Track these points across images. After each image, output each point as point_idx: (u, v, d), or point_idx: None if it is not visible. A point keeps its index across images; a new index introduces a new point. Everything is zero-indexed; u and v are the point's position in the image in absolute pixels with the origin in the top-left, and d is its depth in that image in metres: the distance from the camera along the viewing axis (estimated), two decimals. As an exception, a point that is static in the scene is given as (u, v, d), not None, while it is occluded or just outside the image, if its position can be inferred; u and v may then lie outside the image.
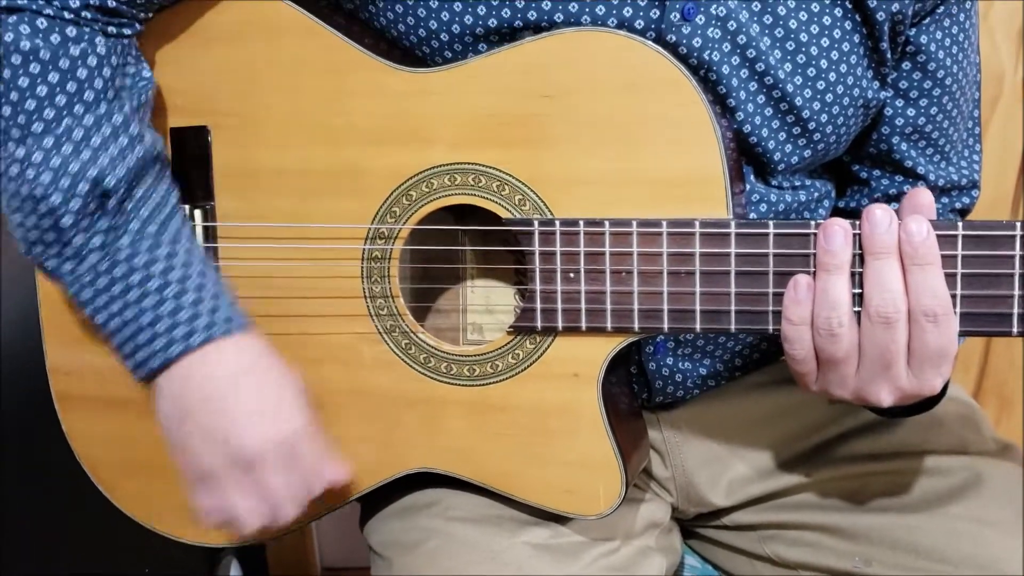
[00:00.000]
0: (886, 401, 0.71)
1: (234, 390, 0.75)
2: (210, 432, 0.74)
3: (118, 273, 0.74)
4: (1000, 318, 0.69)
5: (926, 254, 0.67)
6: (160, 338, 0.74)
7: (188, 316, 0.74)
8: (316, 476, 0.77)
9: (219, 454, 0.74)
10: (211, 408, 0.74)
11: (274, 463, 0.75)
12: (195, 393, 0.75)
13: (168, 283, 0.74)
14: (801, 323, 0.70)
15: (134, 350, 0.75)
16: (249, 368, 0.75)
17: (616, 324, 0.75)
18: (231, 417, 0.74)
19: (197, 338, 0.74)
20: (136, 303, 0.74)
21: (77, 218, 0.73)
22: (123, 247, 0.74)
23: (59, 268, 0.75)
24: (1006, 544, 0.81)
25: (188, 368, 0.75)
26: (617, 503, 0.78)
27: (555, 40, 0.73)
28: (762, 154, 0.81)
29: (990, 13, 1.33)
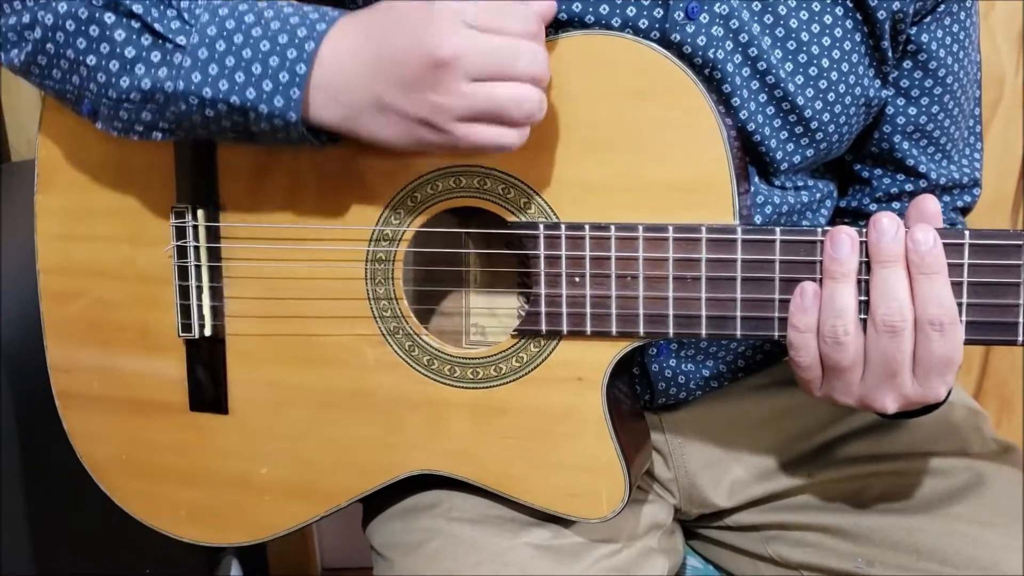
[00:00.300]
0: (890, 408, 0.71)
1: (394, 9, 0.69)
2: (415, 57, 0.66)
3: (211, 32, 0.70)
4: (1006, 327, 0.69)
5: (933, 263, 0.67)
6: (300, 27, 0.69)
7: (302, 13, 0.70)
8: (518, 8, 0.67)
9: (433, 74, 0.66)
10: (393, 28, 0.68)
11: (474, 30, 0.66)
12: (377, 25, 0.69)
13: (261, 10, 0.71)
14: (807, 330, 0.70)
15: (282, 60, 0.69)
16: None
17: (621, 329, 0.75)
18: (427, 24, 0.66)
19: (330, 14, 0.70)
20: (246, 37, 0.70)
21: (144, 7, 0.70)
22: (201, 14, 0.71)
23: (155, 78, 0.71)
24: (1007, 545, 0.81)
25: (346, 23, 0.70)
26: (620, 507, 0.78)
27: (561, 43, 0.73)
28: (765, 153, 0.81)
29: (991, 15, 1.33)
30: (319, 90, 0.70)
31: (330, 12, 0.71)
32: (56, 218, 0.86)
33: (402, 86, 0.68)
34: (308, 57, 0.69)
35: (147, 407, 0.86)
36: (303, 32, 0.70)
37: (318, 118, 0.71)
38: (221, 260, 0.82)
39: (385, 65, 0.68)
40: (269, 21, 0.70)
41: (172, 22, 0.71)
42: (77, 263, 0.86)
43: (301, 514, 0.85)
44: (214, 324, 0.83)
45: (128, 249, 0.84)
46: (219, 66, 0.70)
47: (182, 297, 0.83)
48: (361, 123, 0.71)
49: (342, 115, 0.71)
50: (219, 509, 0.87)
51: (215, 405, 0.85)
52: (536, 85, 0.68)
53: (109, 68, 0.72)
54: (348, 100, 0.70)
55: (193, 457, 0.86)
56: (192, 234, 0.82)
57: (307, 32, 0.70)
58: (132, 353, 0.86)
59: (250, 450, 0.85)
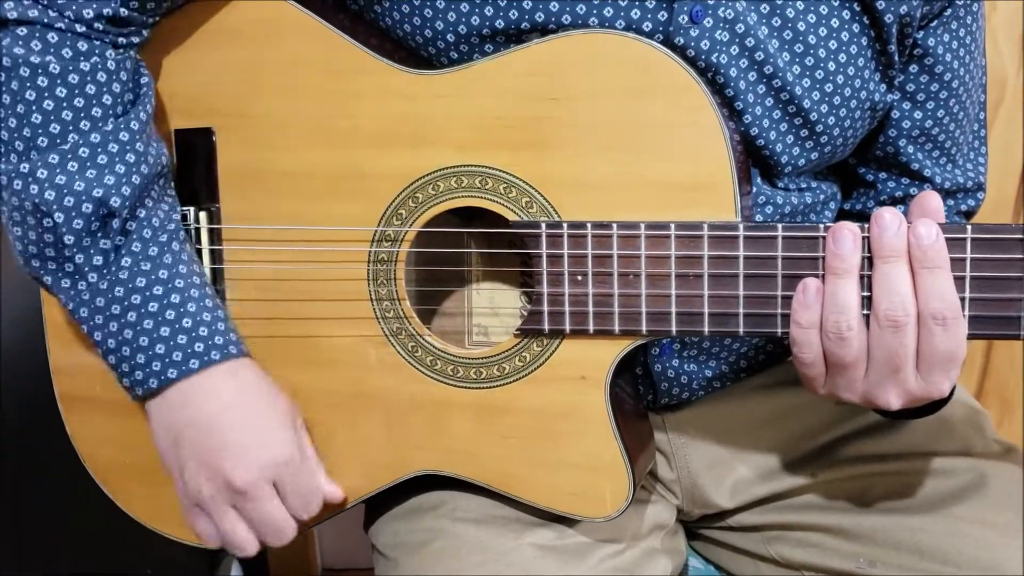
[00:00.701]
0: (894, 404, 0.71)
1: (224, 420, 0.75)
2: (202, 461, 0.75)
3: (117, 294, 0.74)
4: (1008, 321, 0.69)
5: (935, 257, 0.67)
6: (156, 361, 0.74)
7: (185, 341, 0.74)
8: (311, 498, 0.78)
9: (212, 483, 0.75)
10: (202, 438, 0.75)
11: (266, 491, 0.76)
12: (187, 421, 0.75)
13: (167, 306, 0.74)
14: (810, 327, 0.70)
15: (130, 370, 0.75)
16: (240, 396, 0.76)
17: (624, 327, 0.75)
18: (221, 448, 0.75)
19: (194, 363, 0.74)
20: (134, 324, 0.74)
21: (79, 237, 0.72)
22: (123, 268, 0.74)
23: (57, 284, 0.74)
24: (1009, 545, 0.81)
25: (181, 394, 0.75)
26: (624, 506, 0.78)
27: (563, 42, 0.73)
28: (769, 156, 0.81)
29: (993, 17, 1.32)
30: (152, 406, 0.76)
31: (203, 354, 0.75)
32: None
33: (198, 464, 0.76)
34: (149, 390, 0.75)
35: (149, 410, 0.86)
36: (158, 366, 0.74)
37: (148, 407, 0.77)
38: (223, 262, 0.82)
39: (192, 458, 0.76)
40: (159, 325, 0.74)
41: (96, 257, 0.73)
42: (80, 266, 0.86)
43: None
44: (216, 325, 0.83)
45: (131, 251, 0.84)
46: (104, 320, 0.74)
47: (184, 298, 0.83)
48: (163, 448, 0.78)
49: (157, 434, 0.78)
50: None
51: (217, 407, 0.85)
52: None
53: (27, 250, 0.74)
54: (162, 435, 0.77)
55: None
56: (194, 236, 0.82)
57: (161, 367, 0.74)
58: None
59: (252, 452, 0.85)
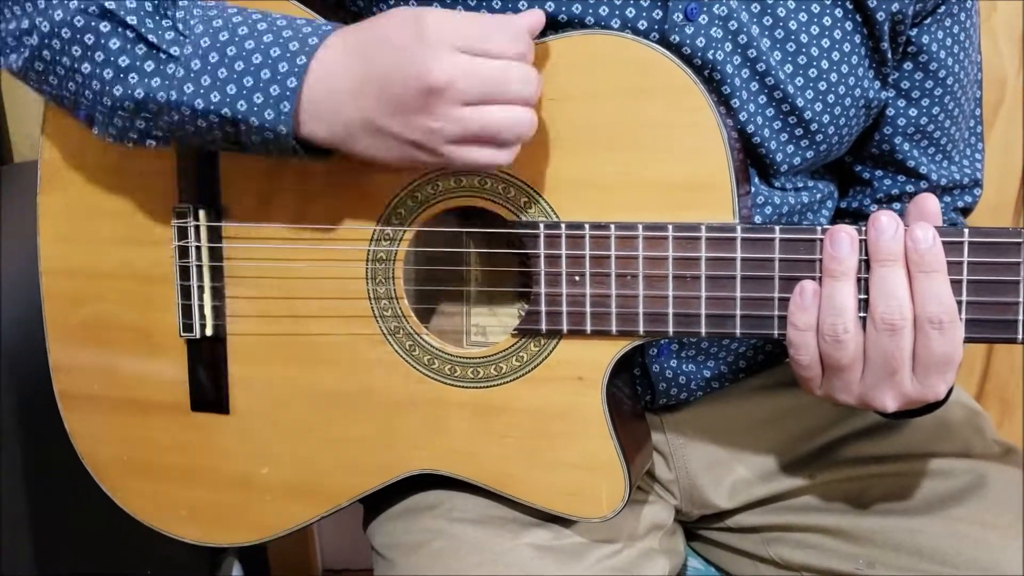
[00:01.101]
0: (890, 407, 0.71)
1: (389, 32, 0.68)
2: (394, 90, 0.67)
3: (205, 44, 0.71)
4: (1005, 325, 0.69)
5: (932, 261, 0.67)
6: (293, 41, 0.70)
7: (300, 23, 0.71)
8: (523, 39, 0.69)
9: (419, 99, 0.67)
10: (372, 67, 0.68)
11: (467, 61, 0.67)
12: (349, 63, 0.69)
13: (256, 22, 0.72)
14: (807, 329, 0.70)
15: (272, 74, 0.69)
16: (383, 20, 0.71)
17: (621, 328, 0.75)
18: (399, 58, 0.67)
19: (326, 25, 0.71)
20: (239, 49, 0.70)
21: (141, 17, 0.71)
22: (195, 25, 0.72)
23: (149, 87, 0.71)
24: (1009, 547, 0.81)
25: (337, 39, 0.70)
26: (620, 506, 0.78)
27: (561, 43, 0.73)
28: (765, 155, 0.81)
29: (992, 17, 1.32)
30: (310, 105, 0.70)
31: (323, 26, 0.72)
32: (58, 219, 0.86)
33: (394, 110, 0.68)
34: (299, 71, 0.69)
35: (148, 407, 0.87)
36: (295, 46, 0.70)
37: (309, 133, 0.71)
38: (223, 260, 0.83)
39: (376, 87, 0.68)
40: (263, 33, 0.71)
41: (167, 32, 0.71)
42: (79, 264, 0.86)
43: (302, 514, 0.85)
44: (215, 324, 0.83)
45: (130, 250, 0.85)
46: (211, 77, 0.71)
47: (183, 297, 0.83)
48: (353, 142, 0.71)
49: (333, 132, 0.71)
50: (220, 509, 0.87)
51: (216, 405, 0.85)
52: (526, 105, 0.69)
53: (103, 76, 0.73)
54: (339, 118, 0.70)
55: (194, 457, 0.87)
56: (194, 234, 0.82)
57: (299, 46, 0.70)
58: (133, 353, 0.86)
59: (251, 450, 0.85)
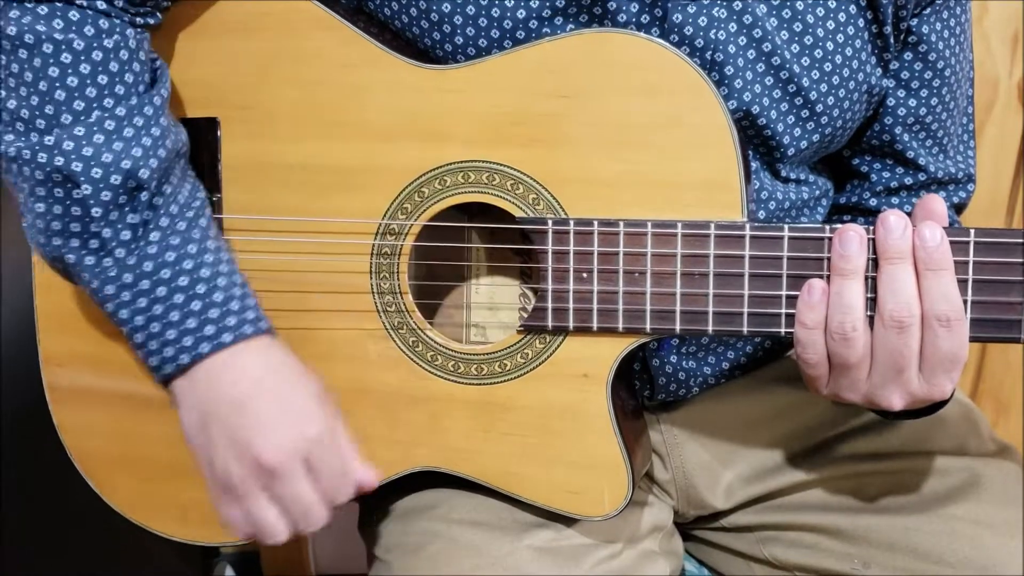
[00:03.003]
0: (897, 405, 0.71)
1: (256, 396, 0.73)
2: (232, 440, 0.73)
3: (147, 268, 0.73)
4: (1009, 324, 0.70)
5: (940, 260, 0.68)
6: (188, 336, 0.73)
7: (217, 315, 0.73)
8: (343, 480, 0.76)
9: (242, 463, 0.73)
10: (233, 414, 0.73)
11: (297, 470, 0.73)
12: (218, 397, 0.73)
13: (198, 280, 0.73)
14: (815, 327, 0.70)
15: (161, 347, 0.73)
16: (271, 372, 0.74)
17: (628, 325, 0.75)
18: (252, 425, 0.73)
19: (227, 337, 0.73)
20: (165, 299, 0.73)
21: (107, 210, 0.71)
22: (152, 242, 0.73)
23: (80, 261, 0.73)
24: (1004, 545, 0.82)
25: (212, 371, 0.73)
26: (623, 505, 0.78)
27: (574, 40, 0.73)
28: (771, 137, 0.81)
29: (985, 18, 1.33)
30: (178, 387, 0.75)
31: (235, 327, 0.74)
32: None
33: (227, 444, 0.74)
34: (180, 367, 0.73)
35: (140, 402, 0.85)
36: (188, 341, 0.73)
37: (174, 390, 0.75)
38: (223, 253, 0.82)
39: (226, 431, 0.74)
40: (191, 300, 0.73)
41: (124, 231, 0.72)
42: (74, 256, 0.85)
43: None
44: (215, 318, 0.82)
45: (128, 242, 0.83)
46: (132, 296, 0.73)
47: (183, 291, 0.82)
48: (190, 432, 0.76)
49: (182, 414, 0.76)
50: (210, 507, 0.85)
51: (211, 401, 0.84)
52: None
53: (50, 226, 0.72)
54: (187, 419, 0.75)
55: (185, 453, 0.84)
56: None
57: (192, 341, 0.73)
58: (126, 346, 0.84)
59: (248, 446, 0.84)
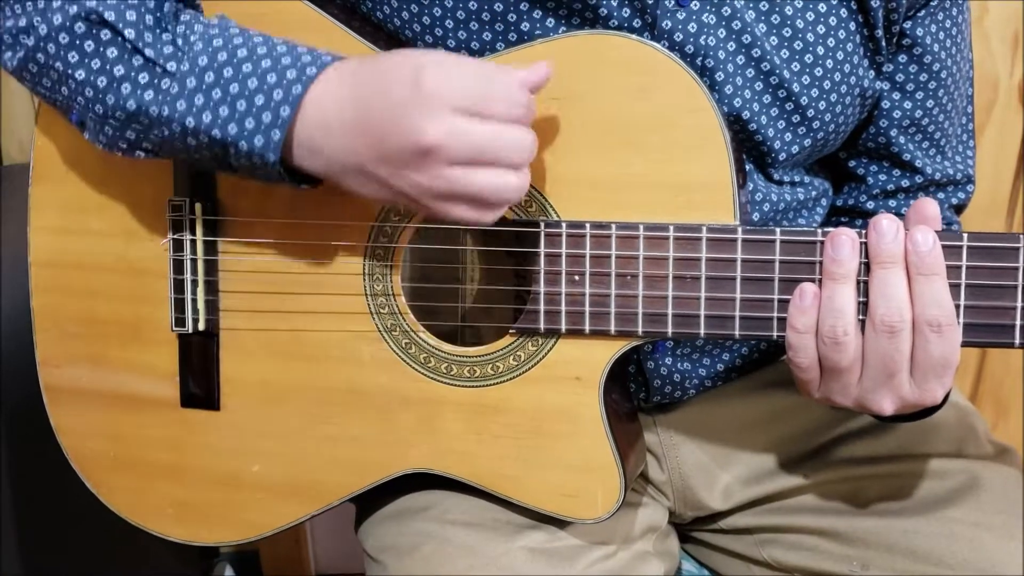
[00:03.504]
0: (888, 410, 0.71)
1: (384, 84, 0.68)
2: (389, 145, 0.67)
3: (202, 63, 0.70)
4: (1003, 329, 0.69)
5: (932, 264, 0.68)
6: (289, 69, 0.69)
7: (291, 58, 0.70)
8: (516, 97, 0.67)
9: (416, 160, 0.66)
10: (370, 116, 0.67)
11: (465, 123, 0.66)
12: (345, 108, 0.68)
13: (255, 47, 0.71)
14: (806, 331, 0.70)
15: (265, 102, 0.69)
16: (374, 63, 0.70)
17: (620, 328, 0.74)
18: (392, 114, 0.66)
19: (325, 57, 0.70)
20: (237, 70, 0.70)
21: (140, 32, 0.70)
22: (195, 42, 0.71)
23: (142, 100, 0.71)
24: (1003, 547, 0.81)
25: (335, 74, 0.69)
26: (615, 507, 0.78)
27: (566, 42, 0.73)
28: (762, 142, 0.81)
29: (985, 18, 1.33)
30: (302, 137, 0.70)
31: (323, 56, 0.71)
32: (50, 211, 0.85)
33: (384, 161, 0.68)
34: (294, 100, 0.69)
35: (137, 403, 0.86)
36: (292, 74, 0.69)
37: (299, 164, 0.71)
38: (217, 254, 0.82)
39: (370, 136, 0.68)
40: (261, 58, 0.70)
41: (165, 47, 0.71)
42: (70, 257, 0.85)
43: (292, 513, 0.84)
44: (208, 319, 0.83)
45: (122, 243, 0.84)
46: (205, 97, 0.70)
47: (177, 291, 0.82)
48: (342, 178, 0.71)
49: (323, 167, 0.71)
50: (208, 507, 0.86)
51: (207, 401, 0.84)
52: (518, 170, 0.68)
53: (97, 84, 0.72)
54: (330, 155, 0.70)
55: (183, 454, 0.86)
56: (188, 227, 0.81)
57: (296, 74, 0.69)
58: (123, 347, 0.85)
59: (241, 447, 0.84)
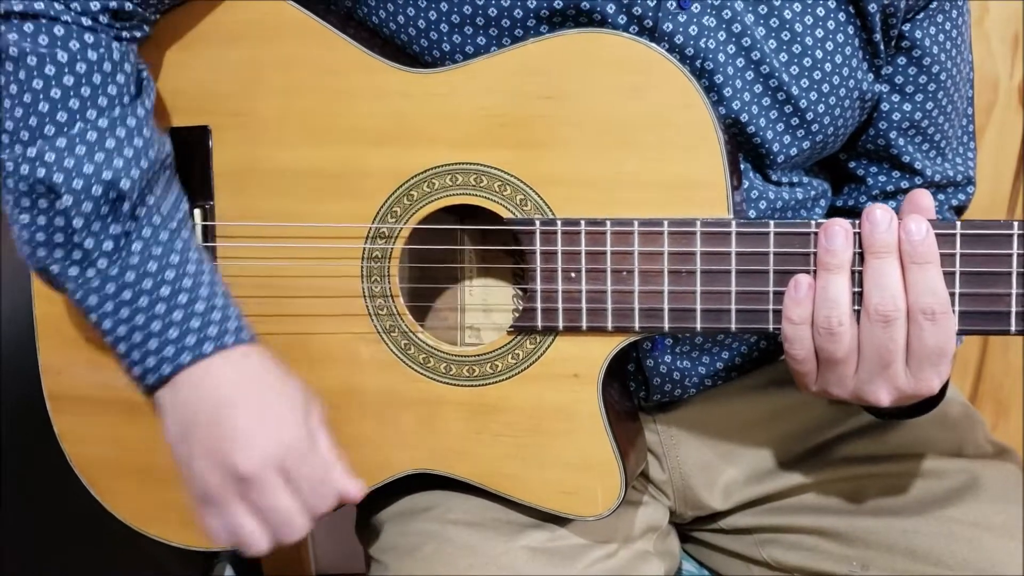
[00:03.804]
0: (884, 401, 0.71)
1: (234, 405, 0.73)
2: (210, 451, 0.73)
3: (128, 279, 0.73)
4: (998, 316, 0.69)
5: (925, 253, 0.68)
6: (169, 346, 0.73)
7: (198, 325, 0.73)
8: (323, 489, 0.74)
9: (219, 473, 0.73)
10: (212, 425, 0.73)
11: (272, 480, 0.72)
12: (197, 406, 0.74)
13: (179, 291, 0.74)
14: (801, 322, 0.70)
15: (143, 356, 0.74)
16: (252, 381, 0.75)
17: (617, 323, 0.75)
18: (229, 434, 0.73)
19: (208, 346, 0.73)
20: (146, 309, 0.73)
21: (89, 221, 0.72)
22: (135, 252, 0.73)
23: (64, 272, 0.73)
24: (1003, 547, 0.81)
25: (193, 381, 0.74)
26: (616, 504, 0.78)
27: (559, 41, 0.73)
28: (760, 144, 0.81)
29: (985, 19, 1.33)
30: (161, 397, 0.75)
31: (216, 338, 0.74)
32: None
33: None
34: (161, 378, 0.74)
35: (138, 408, 0.85)
36: (191, 340, 0.73)
37: (160, 397, 0.75)
38: (216, 259, 0.82)
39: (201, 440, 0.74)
40: (172, 310, 0.73)
41: (106, 242, 0.73)
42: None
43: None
44: (210, 323, 0.83)
45: (125, 249, 0.84)
46: (115, 306, 0.73)
47: (178, 296, 0.83)
48: (173, 442, 0.75)
49: (167, 424, 0.75)
50: (198, 513, 0.86)
51: (208, 405, 0.85)
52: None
53: (34, 237, 0.73)
54: (171, 426, 0.75)
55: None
56: (188, 233, 0.82)
57: (174, 352, 0.73)
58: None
59: (245, 450, 0.84)
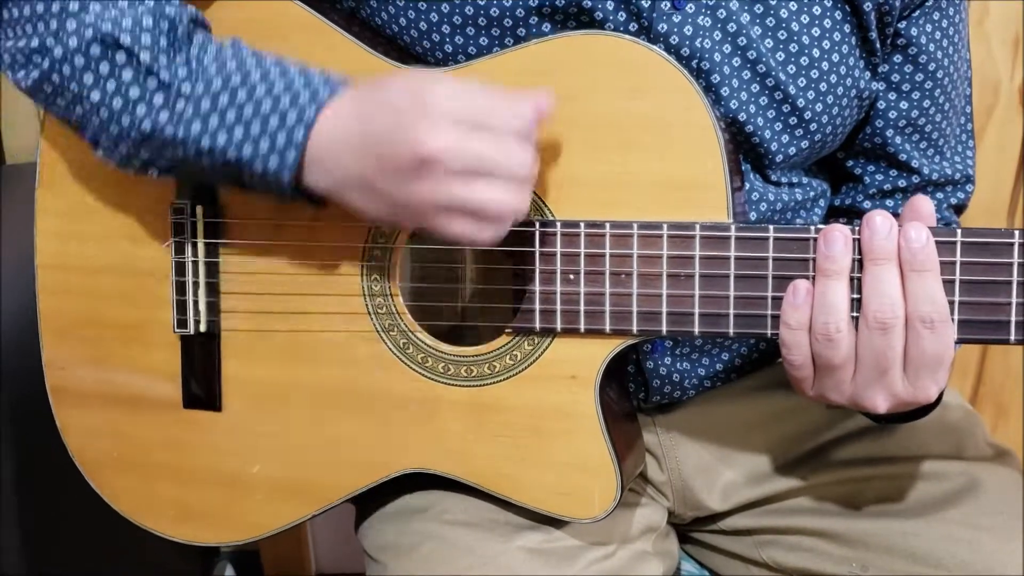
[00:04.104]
0: (881, 407, 0.71)
1: (391, 88, 0.70)
2: (389, 158, 0.68)
3: (216, 85, 0.71)
4: (998, 325, 0.69)
5: (924, 260, 0.68)
6: (303, 92, 0.70)
7: (311, 72, 0.72)
8: (510, 105, 0.69)
9: (416, 169, 0.67)
10: (374, 132, 0.69)
11: (463, 136, 0.67)
12: (351, 130, 0.70)
13: (271, 66, 0.72)
14: (799, 328, 0.70)
15: (280, 123, 0.70)
16: (381, 85, 0.71)
17: (615, 326, 0.75)
18: (395, 128, 0.68)
19: (336, 79, 0.71)
20: (251, 93, 0.71)
21: (154, 53, 0.71)
22: (208, 64, 0.72)
23: (156, 122, 0.71)
24: (1002, 549, 0.81)
25: (345, 100, 0.71)
26: (612, 507, 0.78)
27: (559, 43, 0.73)
28: (759, 144, 0.81)
29: (985, 20, 1.33)
30: (313, 157, 0.71)
31: (333, 78, 0.72)
32: (55, 214, 0.86)
33: (387, 173, 0.69)
34: (307, 122, 0.70)
35: (140, 404, 0.86)
36: (305, 97, 0.71)
37: (308, 182, 0.73)
38: (218, 257, 0.83)
39: (373, 149, 0.69)
40: (274, 80, 0.72)
41: (179, 69, 0.72)
42: (75, 259, 0.86)
43: (293, 512, 0.85)
44: (210, 320, 0.83)
45: (126, 246, 0.84)
46: (220, 118, 0.71)
47: (179, 293, 0.83)
48: (347, 195, 0.72)
49: (330, 184, 0.72)
50: (210, 507, 0.86)
51: (208, 402, 0.85)
52: (520, 185, 0.69)
53: (112, 106, 0.72)
54: (338, 172, 0.71)
55: (185, 454, 0.86)
56: (190, 231, 0.82)
57: (309, 97, 0.71)
58: (127, 349, 0.86)
59: (242, 448, 0.85)
